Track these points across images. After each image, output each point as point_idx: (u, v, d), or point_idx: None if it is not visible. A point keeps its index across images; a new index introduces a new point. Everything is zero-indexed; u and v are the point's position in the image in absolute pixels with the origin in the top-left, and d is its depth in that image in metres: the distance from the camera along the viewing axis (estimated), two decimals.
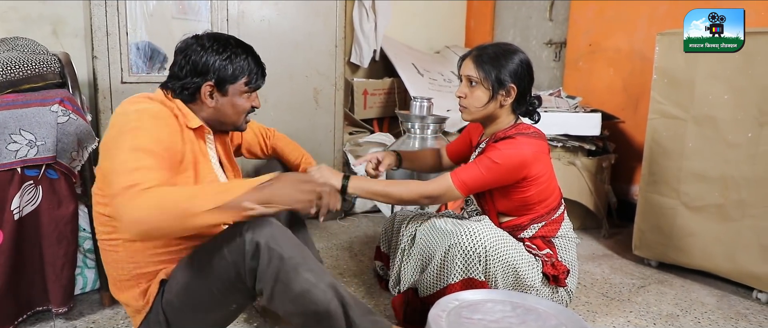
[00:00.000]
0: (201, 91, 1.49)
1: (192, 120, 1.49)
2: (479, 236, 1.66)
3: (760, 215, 2.14)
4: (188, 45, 1.49)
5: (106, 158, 1.32)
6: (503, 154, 1.69)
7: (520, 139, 1.73)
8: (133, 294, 1.46)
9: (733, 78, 2.15)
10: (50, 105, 1.73)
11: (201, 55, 1.46)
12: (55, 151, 1.73)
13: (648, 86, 2.46)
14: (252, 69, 1.53)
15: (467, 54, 1.83)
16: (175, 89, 1.50)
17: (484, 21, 4.22)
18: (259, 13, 2.66)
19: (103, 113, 2.39)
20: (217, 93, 1.50)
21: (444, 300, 1.36)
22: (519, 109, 1.83)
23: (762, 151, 2.11)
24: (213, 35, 1.51)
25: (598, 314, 2.07)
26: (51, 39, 2.56)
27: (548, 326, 1.30)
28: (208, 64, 1.46)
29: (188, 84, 1.48)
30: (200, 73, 1.47)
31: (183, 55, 1.48)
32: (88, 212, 1.90)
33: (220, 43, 1.49)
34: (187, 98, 1.50)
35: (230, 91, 1.51)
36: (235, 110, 1.54)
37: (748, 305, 2.18)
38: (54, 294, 1.80)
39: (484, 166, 1.71)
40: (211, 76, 1.47)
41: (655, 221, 2.47)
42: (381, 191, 1.76)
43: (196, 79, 1.47)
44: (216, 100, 1.51)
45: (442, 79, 3.57)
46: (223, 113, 1.53)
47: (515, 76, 1.75)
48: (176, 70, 1.49)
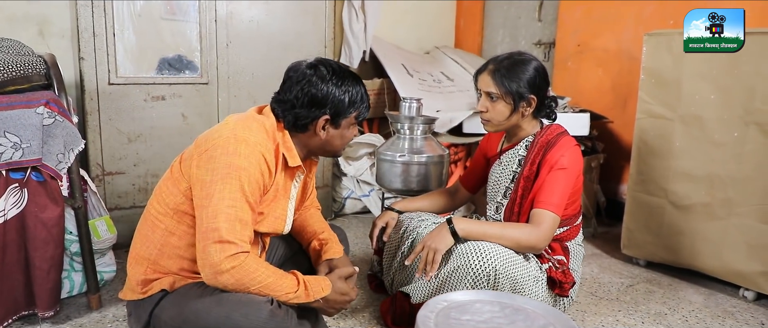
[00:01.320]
0: (316, 124, 1.48)
1: (293, 159, 1.50)
2: (489, 256, 1.63)
3: (746, 214, 2.16)
4: (306, 75, 1.47)
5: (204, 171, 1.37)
6: (570, 160, 1.76)
7: (568, 140, 1.81)
8: (140, 271, 1.48)
9: (720, 78, 2.17)
10: (36, 107, 1.71)
11: (321, 87, 1.46)
12: (41, 153, 1.72)
13: (636, 86, 2.48)
14: (363, 101, 1.53)
15: (483, 68, 1.85)
16: (287, 119, 1.49)
17: (474, 21, 4.23)
18: (248, 13, 2.65)
19: (90, 115, 2.38)
20: (330, 126, 1.51)
21: (433, 301, 1.36)
22: (539, 114, 1.88)
23: (748, 151, 2.12)
24: (329, 64, 1.50)
25: (587, 313, 2.08)
26: (37, 40, 2.53)
27: (536, 326, 1.30)
28: (327, 97, 1.46)
29: (304, 116, 1.47)
30: (319, 105, 1.46)
31: (300, 86, 1.46)
32: (74, 214, 1.88)
33: (338, 76, 1.48)
34: (297, 128, 1.50)
35: (342, 123, 1.52)
36: (342, 141, 1.57)
37: (735, 303, 2.20)
38: (40, 298, 1.78)
39: (561, 179, 1.74)
40: (329, 110, 1.47)
41: (644, 220, 2.49)
42: (496, 233, 1.71)
43: (314, 112, 1.47)
44: (328, 131, 1.51)
45: (431, 80, 3.58)
46: (330, 144, 1.55)
47: (534, 86, 1.79)
48: (291, 99, 1.47)
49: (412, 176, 2.48)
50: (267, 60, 2.74)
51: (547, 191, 1.73)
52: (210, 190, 1.34)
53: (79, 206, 1.87)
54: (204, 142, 1.42)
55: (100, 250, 2.04)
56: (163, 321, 1.43)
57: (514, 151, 1.91)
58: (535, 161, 1.81)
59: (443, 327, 1.25)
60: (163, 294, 1.46)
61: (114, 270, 2.15)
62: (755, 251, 2.14)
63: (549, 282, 1.77)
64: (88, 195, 2.06)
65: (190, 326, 1.38)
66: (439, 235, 1.71)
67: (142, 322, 1.47)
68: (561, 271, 1.79)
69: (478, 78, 1.86)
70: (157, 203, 1.49)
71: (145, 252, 1.49)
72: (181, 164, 1.48)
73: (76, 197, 1.87)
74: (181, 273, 1.48)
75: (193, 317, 1.38)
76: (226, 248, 1.30)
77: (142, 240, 1.51)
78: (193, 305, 1.39)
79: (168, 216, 1.46)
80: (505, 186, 1.92)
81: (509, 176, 1.91)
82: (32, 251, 1.75)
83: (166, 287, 1.46)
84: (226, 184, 1.33)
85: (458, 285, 1.67)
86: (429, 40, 4.23)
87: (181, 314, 1.39)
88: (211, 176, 1.35)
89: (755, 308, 2.17)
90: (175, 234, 1.46)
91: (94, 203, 2.08)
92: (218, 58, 2.61)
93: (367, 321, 1.94)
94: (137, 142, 2.50)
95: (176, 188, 1.45)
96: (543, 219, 1.71)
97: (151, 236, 1.49)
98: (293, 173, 1.56)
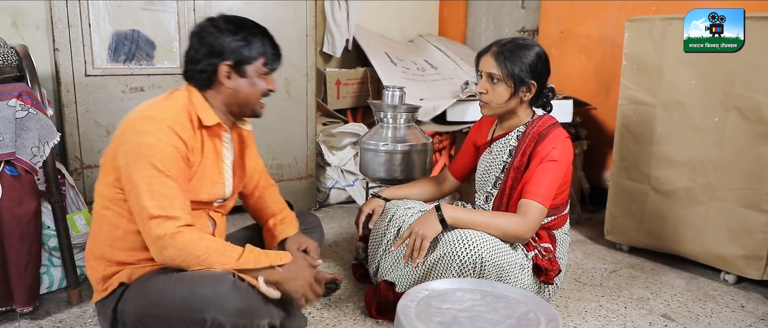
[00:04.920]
0: (218, 72, 1.48)
1: (208, 117, 1.48)
2: (475, 244, 1.64)
3: (726, 198, 2.17)
4: (203, 28, 1.49)
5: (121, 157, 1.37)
6: (560, 152, 1.76)
7: (560, 131, 1.81)
8: (98, 270, 1.48)
9: (700, 63, 2.18)
10: (8, 100, 1.67)
11: (216, 36, 1.46)
12: (15, 147, 1.68)
13: (618, 73, 2.48)
14: (268, 50, 1.52)
15: (486, 50, 1.85)
16: (193, 75, 1.49)
17: (457, 9, 4.21)
18: (228, 3, 2.61)
19: (67, 107, 2.34)
20: (235, 74, 1.49)
21: (413, 290, 1.35)
22: (536, 102, 1.89)
23: (728, 136, 2.14)
24: (228, 17, 1.51)
25: (570, 299, 2.09)
26: (11, 31, 2.48)
27: (517, 313, 1.30)
28: (224, 45, 1.46)
29: (205, 66, 1.47)
30: (217, 54, 1.46)
31: (198, 38, 1.48)
32: (51, 208, 1.85)
33: (235, 24, 1.48)
34: (205, 83, 1.50)
35: (249, 71, 1.50)
36: (253, 91, 1.53)
37: (716, 287, 2.22)
38: (18, 294, 1.76)
39: (551, 171, 1.75)
40: (229, 56, 1.46)
41: (626, 206, 2.50)
42: (483, 222, 1.72)
43: (213, 60, 1.46)
44: (234, 81, 1.49)
45: (415, 68, 3.56)
46: (241, 95, 1.52)
47: (535, 72, 1.80)
48: (192, 54, 1.49)
49: (396, 165, 2.47)
50: None
51: (535, 182, 1.74)
52: (129, 173, 1.36)
53: (56, 201, 1.84)
54: (118, 128, 1.43)
55: (79, 244, 2.01)
56: (128, 312, 1.41)
57: (504, 141, 1.90)
58: (525, 152, 1.81)
59: (424, 316, 1.25)
60: (123, 288, 1.45)
61: None
62: (735, 235, 2.16)
63: (535, 269, 1.77)
64: (66, 189, 2.03)
65: (156, 309, 1.37)
66: (427, 221, 1.71)
67: (109, 319, 1.46)
68: (547, 259, 1.80)
69: (480, 59, 1.86)
70: (97, 198, 1.49)
71: (97, 250, 1.49)
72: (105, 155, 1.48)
73: (52, 191, 1.83)
74: (137, 263, 1.47)
75: (158, 298, 1.37)
76: (161, 223, 1.32)
77: (93, 238, 1.51)
78: (155, 288, 1.38)
79: (108, 208, 1.46)
80: (494, 176, 1.91)
81: (499, 165, 1.90)
82: (8, 246, 1.71)
83: (124, 280, 1.45)
84: (140, 163, 1.35)
85: (444, 273, 1.67)
86: (413, 29, 4.21)
87: (146, 299, 1.39)
88: (126, 160, 1.37)
89: (735, 291, 2.19)
90: (119, 227, 1.45)
91: (73, 197, 2.05)
92: None
93: (351, 311, 1.93)
94: None
95: (107, 179, 1.45)
96: (530, 209, 1.71)
97: (98, 232, 1.48)
98: (218, 133, 1.55)
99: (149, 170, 1.34)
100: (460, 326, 1.22)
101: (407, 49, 3.87)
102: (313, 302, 1.55)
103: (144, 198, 1.33)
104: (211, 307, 1.33)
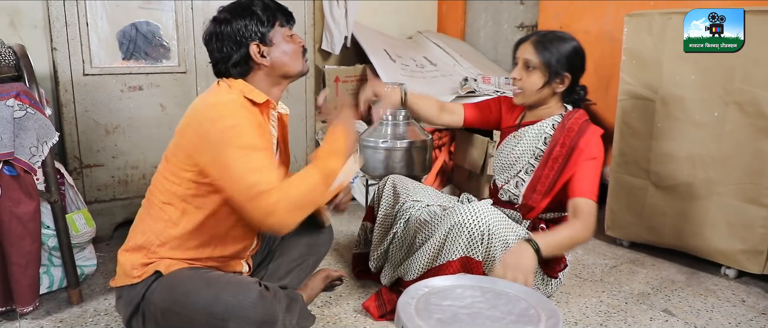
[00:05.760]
0: (251, 55, 1.49)
1: (258, 95, 1.50)
2: (482, 215, 1.69)
3: (726, 193, 2.17)
4: (214, 28, 1.51)
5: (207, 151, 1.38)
6: (599, 149, 1.80)
7: (595, 129, 1.83)
8: (134, 261, 1.48)
9: (700, 59, 2.17)
10: (6, 100, 1.67)
11: (227, 28, 1.48)
12: (13, 147, 1.68)
13: (618, 68, 2.47)
14: (276, 12, 1.53)
15: (526, 38, 1.89)
16: (228, 70, 1.51)
17: (456, 6, 4.20)
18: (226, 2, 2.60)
19: (66, 107, 2.33)
20: (264, 48, 1.51)
21: (413, 288, 1.35)
22: (567, 97, 1.91)
23: (727, 130, 2.13)
24: (224, 7, 1.53)
25: (571, 294, 2.09)
26: (8, 30, 2.47)
27: (518, 310, 1.30)
28: (241, 30, 1.47)
29: (237, 59, 1.49)
30: (240, 41, 1.48)
31: (215, 38, 1.50)
32: (51, 208, 1.85)
33: (235, 8, 1.50)
34: (245, 72, 1.52)
35: (274, 39, 1.51)
36: (288, 53, 1.54)
37: (717, 281, 2.22)
38: (18, 294, 1.76)
39: (594, 168, 1.78)
40: (252, 37, 1.48)
41: (626, 202, 2.50)
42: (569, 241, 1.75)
43: (242, 50, 1.48)
44: (268, 55, 1.51)
45: (414, 65, 3.55)
46: (280, 63, 1.53)
47: (571, 65, 1.83)
48: (218, 55, 1.51)
49: (396, 162, 2.47)
50: None
51: (586, 181, 1.77)
52: (221, 162, 1.36)
53: (55, 200, 1.84)
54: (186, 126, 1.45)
55: (79, 244, 2.01)
56: (153, 303, 1.44)
57: (538, 129, 1.91)
58: (564, 143, 1.82)
59: (424, 313, 1.24)
60: (156, 276, 1.46)
61: (94, 264, 2.12)
62: (735, 229, 2.16)
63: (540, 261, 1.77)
64: (65, 189, 2.03)
65: (180, 308, 1.39)
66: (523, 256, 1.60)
67: (133, 304, 1.48)
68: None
69: (519, 47, 1.89)
70: (160, 193, 1.50)
71: (144, 241, 1.50)
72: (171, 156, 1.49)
73: (51, 190, 1.83)
74: (179, 259, 1.49)
75: (183, 297, 1.39)
76: (264, 196, 1.31)
77: (142, 230, 1.52)
78: (182, 286, 1.41)
79: (171, 205, 1.48)
80: (526, 162, 1.92)
81: (531, 151, 1.92)
82: (8, 246, 1.71)
83: (161, 269, 1.46)
84: (229, 148, 1.35)
85: (454, 246, 1.70)
86: (411, 25, 4.20)
87: (172, 295, 1.41)
88: (214, 151, 1.37)
89: (736, 285, 2.19)
90: (179, 224, 1.48)
91: (72, 197, 2.05)
92: (196, 46, 2.56)
93: (351, 309, 1.93)
94: (115, 133, 2.46)
95: (178, 177, 1.46)
96: (588, 209, 1.75)
97: (153, 226, 1.50)
98: (267, 111, 1.56)
99: (240, 151, 1.35)
100: (460, 323, 1.22)
101: (406, 46, 3.86)
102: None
103: (246, 178, 1.33)
104: (234, 316, 1.35)
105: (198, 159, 1.42)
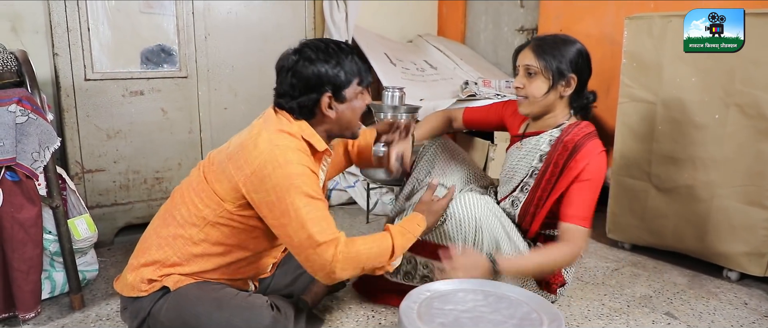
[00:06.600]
0: (320, 105, 1.46)
1: (319, 144, 1.49)
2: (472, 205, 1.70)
3: (728, 195, 2.17)
4: (294, 62, 1.46)
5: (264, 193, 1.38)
6: (594, 170, 1.72)
7: (595, 144, 1.75)
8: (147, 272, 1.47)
9: (700, 61, 2.17)
10: (8, 105, 1.67)
11: (310, 69, 1.44)
12: (15, 152, 1.68)
13: (618, 71, 2.48)
14: (361, 67, 1.51)
15: (525, 45, 1.82)
16: (292, 109, 1.48)
17: (456, 9, 4.20)
18: (226, 5, 2.61)
19: (67, 112, 2.34)
20: (335, 102, 1.48)
21: (415, 292, 1.35)
22: (575, 102, 1.83)
23: (728, 133, 2.13)
24: (312, 44, 1.48)
25: (573, 298, 2.09)
26: (10, 36, 2.48)
27: (520, 313, 1.30)
28: (321, 76, 1.44)
29: (305, 101, 1.46)
30: (315, 86, 1.44)
31: (291, 73, 1.45)
32: (53, 213, 1.85)
33: (324, 52, 1.46)
34: (306, 114, 1.49)
35: (348, 95, 1.49)
36: (354, 114, 1.54)
37: (719, 284, 2.22)
38: (20, 299, 1.76)
39: (587, 190, 1.71)
40: (328, 87, 1.45)
41: (628, 204, 2.50)
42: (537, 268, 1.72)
43: (313, 95, 1.45)
44: (335, 109, 1.49)
45: (414, 69, 3.55)
46: (344, 121, 1.52)
47: (575, 66, 1.76)
48: (287, 89, 1.47)
49: None
50: (247, 52, 2.71)
51: (575, 205, 1.71)
52: (283, 207, 1.36)
53: (57, 205, 1.84)
54: (244, 161, 1.40)
55: (81, 249, 2.01)
56: (160, 321, 1.43)
57: (536, 143, 1.84)
58: (557, 163, 1.75)
59: (426, 318, 1.25)
60: (164, 292, 1.46)
61: (96, 269, 2.12)
62: (737, 232, 2.16)
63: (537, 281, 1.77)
64: (67, 194, 2.03)
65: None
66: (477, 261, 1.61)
67: (139, 319, 1.47)
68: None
69: (519, 54, 1.83)
70: (186, 211, 1.48)
71: (160, 256, 1.48)
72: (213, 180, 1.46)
73: (53, 196, 1.83)
74: (190, 276, 1.48)
75: (194, 321, 1.39)
76: (327, 248, 1.37)
77: (158, 244, 1.49)
78: (192, 309, 1.40)
79: (197, 227, 1.46)
80: (521, 178, 1.86)
81: (527, 167, 1.85)
82: (10, 252, 1.72)
83: (169, 285, 1.45)
84: (294, 195, 1.36)
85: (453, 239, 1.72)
86: (412, 29, 4.20)
87: (180, 316, 1.40)
88: (275, 195, 1.37)
89: (738, 288, 2.19)
90: (199, 245, 1.47)
91: (74, 202, 2.05)
92: (197, 51, 2.57)
93: (353, 313, 1.93)
94: (117, 138, 2.46)
95: (214, 202, 1.44)
96: (576, 235, 1.70)
97: (172, 243, 1.48)
98: (320, 158, 1.55)
99: (304, 199, 1.37)
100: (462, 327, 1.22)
101: (406, 50, 3.86)
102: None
103: (308, 227, 1.36)
104: None
105: (251, 196, 1.41)
